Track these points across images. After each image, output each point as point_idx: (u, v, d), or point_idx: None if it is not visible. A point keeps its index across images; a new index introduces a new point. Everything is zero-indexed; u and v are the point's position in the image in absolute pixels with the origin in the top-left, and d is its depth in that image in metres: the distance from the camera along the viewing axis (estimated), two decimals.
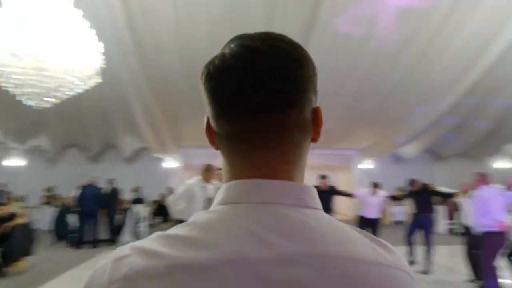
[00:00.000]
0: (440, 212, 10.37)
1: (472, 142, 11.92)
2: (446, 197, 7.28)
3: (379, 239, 0.47)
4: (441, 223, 10.36)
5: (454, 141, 12.04)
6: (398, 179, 13.18)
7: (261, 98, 0.46)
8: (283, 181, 0.46)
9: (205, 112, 0.51)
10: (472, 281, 5.20)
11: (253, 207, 0.44)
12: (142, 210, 9.88)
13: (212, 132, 0.50)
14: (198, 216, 0.45)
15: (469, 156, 12.84)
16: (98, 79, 3.87)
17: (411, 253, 6.36)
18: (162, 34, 6.80)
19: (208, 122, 0.51)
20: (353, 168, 13.88)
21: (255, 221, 0.42)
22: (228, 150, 0.49)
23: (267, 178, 0.46)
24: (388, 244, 0.46)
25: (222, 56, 0.48)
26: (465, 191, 5.70)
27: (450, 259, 6.96)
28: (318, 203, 0.48)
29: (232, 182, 0.47)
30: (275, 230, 0.41)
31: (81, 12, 3.62)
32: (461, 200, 6.17)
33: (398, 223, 13.36)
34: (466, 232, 5.67)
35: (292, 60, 0.47)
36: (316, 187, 6.27)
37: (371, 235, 0.47)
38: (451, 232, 10.30)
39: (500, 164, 12.63)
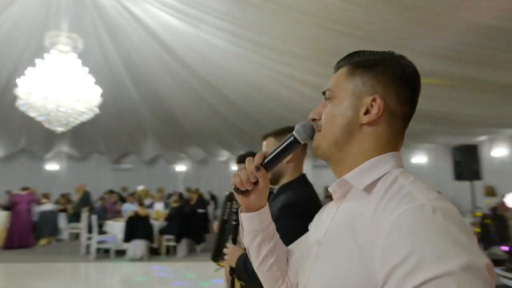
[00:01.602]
0: None
1: None
2: None
3: None
4: None
5: None
6: None
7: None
8: None
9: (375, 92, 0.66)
10: None
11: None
12: None
13: (384, 111, 0.65)
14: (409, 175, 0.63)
15: None
16: (96, 111, 5.70)
17: None
18: None
19: (385, 102, 0.66)
20: None
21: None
22: (395, 128, 0.67)
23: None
24: None
25: (410, 65, 0.69)
26: None
27: None
28: None
29: (395, 153, 0.67)
30: None
31: (86, 69, 5.47)
32: None
33: None
34: None
35: None
36: None
37: None
38: None
39: None
